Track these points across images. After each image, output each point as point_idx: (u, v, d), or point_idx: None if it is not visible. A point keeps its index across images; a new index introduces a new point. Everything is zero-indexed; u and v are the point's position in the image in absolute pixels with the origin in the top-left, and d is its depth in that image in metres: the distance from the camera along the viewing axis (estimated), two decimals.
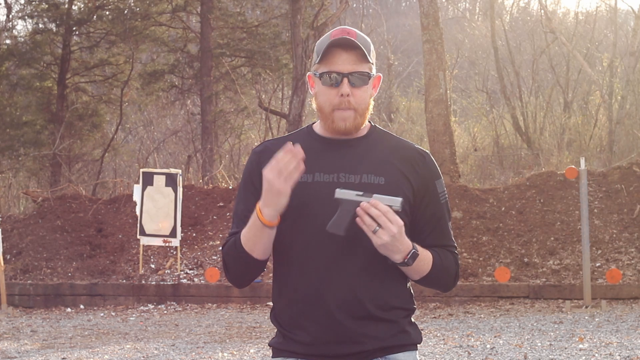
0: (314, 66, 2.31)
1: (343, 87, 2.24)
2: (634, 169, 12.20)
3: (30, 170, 18.63)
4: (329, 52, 2.26)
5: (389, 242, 2.14)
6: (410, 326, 2.32)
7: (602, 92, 19.08)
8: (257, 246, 2.24)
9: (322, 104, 2.28)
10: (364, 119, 2.29)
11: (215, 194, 13.24)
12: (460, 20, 28.17)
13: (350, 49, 2.26)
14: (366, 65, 2.27)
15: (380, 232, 2.12)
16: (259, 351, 7.37)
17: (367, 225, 2.13)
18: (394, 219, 2.13)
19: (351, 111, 2.26)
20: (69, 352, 7.57)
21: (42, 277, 11.60)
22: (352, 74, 2.25)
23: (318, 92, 2.30)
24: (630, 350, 6.88)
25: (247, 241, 2.24)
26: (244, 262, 2.28)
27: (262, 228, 2.20)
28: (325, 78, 2.26)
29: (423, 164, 2.32)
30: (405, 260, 2.19)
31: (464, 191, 12.18)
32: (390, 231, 2.12)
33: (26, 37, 19.34)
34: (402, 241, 2.16)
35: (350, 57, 2.25)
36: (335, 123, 2.26)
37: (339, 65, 2.25)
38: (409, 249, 2.18)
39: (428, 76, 13.28)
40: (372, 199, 2.14)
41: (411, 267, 2.22)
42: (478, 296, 10.21)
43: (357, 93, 2.26)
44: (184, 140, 22.11)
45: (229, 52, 19.19)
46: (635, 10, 20.59)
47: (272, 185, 2.14)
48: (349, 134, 2.29)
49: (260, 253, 2.25)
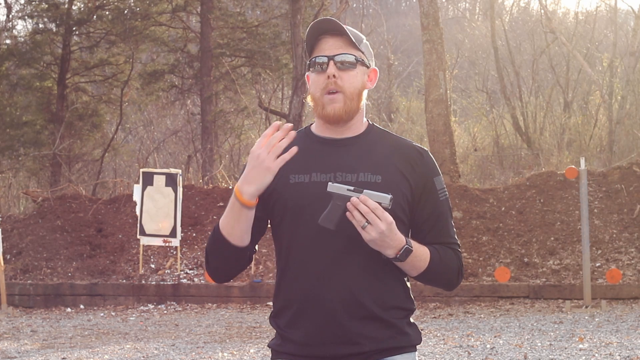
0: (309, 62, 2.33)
1: (329, 69, 2.24)
2: (634, 169, 12.19)
3: (30, 170, 18.63)
4: (317, 41, 2.28)
5: (378, 238, 2.13)
6: (410, 327, 2.32)
7: (602, 92, 19.08)
8: (234, 230, 2.20)
9: (313, 91, 2.29)
10: (354, 104, 2.28)
11: (215, 194, 13.24)
12: (460, 20, 28.18)
13: (336, 34, 2.28)
14: (354, 51, 2.28)
15: (368, 228, 2.12)
16: (259, 351, 7.37)
17: (357, 220, 2.13)
18: (383, 215, 2.12)
19: (339, 94, 2.25)
20: (69, 352, 7.57)
21: (42, 277, 11.60)
22: (338, 56, 2.25)
23: (311, 83, 2.30)
24: (630, 350, 6.88)
25: (225, 225, 2.21)
26: (222, 250, 2.24)
27: (241, 209, 2.17)
28: (314, 65, 2.27)
29: (421, 162, 2.31)
30: (398, 256, 2.18)
31: (464, 191, 12.18)
32: (379, 228, 2.12)
33: (26, 37, 19.34)
34: (392, 237, 2.15)
35: (336, 42, 2.27)
36: (325, 108, 2.26)
37: (325, 50, 2.27)
38: (402, 244, 2.17)
39: (428, 76, 13.28)
40: (361, 194, 2.14)
41: (406, 263, 2.21)
42: (478, 296, 10.21)
43: (345, 76, 2.25)
44: (184, 140, 22.11)
45: (229, 52, 19.19)
46: (635, 10, 20.60)
47: (261, 162, 2.12)
48: (340, 119, 2.27)
49: (237, 238, 2.22)
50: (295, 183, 2.26)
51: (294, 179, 2.27)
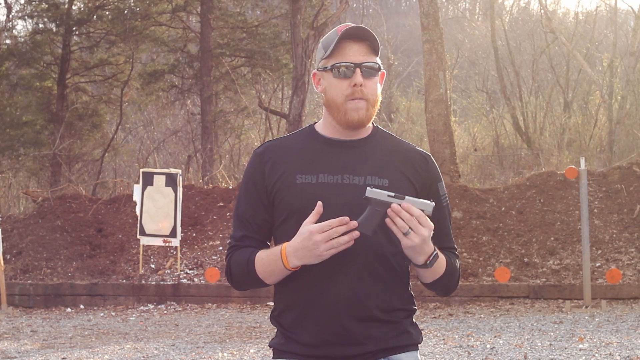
0: (322, 62, 2.30)
1: (356, 77, 2.24)
2: (634, 169, 12.19)
3: (30, 170, 18.63)
4: (339, 45, 2.26)
5: (419, 245, 2.14)
6: (412, 326, 2.33)
7: (602, 92, 19.08)
8: (272, 278, 2.27)
9: (333, 96, 2.27)
10: (374, 110, 2.29)
11: (215, 194, 13.24)
12: (460, 20, 28.17)
13: (360, 40, 2.27)
14: (376, 59, 2.29)
15: (411, 235, 2.12)
16: (259, 351, 7.37)
17: (399, 227, 2.12)
18: (426, 222, 2.13)
19: (364, 101, 2.25)
20: (69, 352, 7.57)
21: (42, 277, 11.60)
22: (364, 64, 2.25)
23: (328, 86, 2.28)
24: (630, 350, 6.87)
25: (263, 272, 2.26)
26: (254, 282, 2.31)
27: (284, 270, 2.22)
28: (337, 70, 2.25)
29: (425, 167, 2.32)
30: (427, 262, 2.19)
31: (464, 191, 12.18)
32: (422, 234, 2.12)
33: (26, 37, 19.33)
34: (429, 244, 2.16)
35: (361, 49, 2.26)
36: (348, 114, 2.25)
37: (351, 56, 2.25)
38: (432, 251, 2.19)
39: (428, 76, 13.27)
40: (404, 201, 2.14)
41: (430, 269, 2.22)
42: (478, 296, 10.21)
43: (369, 84, 2.26)
44: (184, 140, 22.11)
45: (229, 52, 19.19)
46: (635, 10, 20.61)
47: (315, 247, 2.13)
48: (361, 126, 2.28)
49: (272, 282, 2.29)
50: (302, 184, 2.26)
51: (301, 180, 2.26)
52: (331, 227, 2.11)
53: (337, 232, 2.11)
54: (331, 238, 2.12)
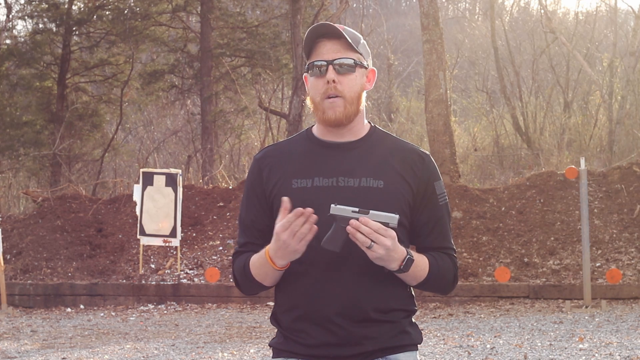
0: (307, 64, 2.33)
1: (328, 74, 2.25)
2: (634, 169, 12.19)
3: (30, 170, 18.63)
4: (314, 45, 2.29)
5: (385, 254, 2.15)
6: (411, 326, 2.33)
7: (602, 92, 19.08)
8: (267, 279, 2.30)
9: (313, 95, 2.30)
10: (354, 108, 2.28)
11: (215, 194, 13.24)
12: (460, 20, 28.18)
13: (333, 37, 2.28)
14: (353, 54, 2.28)
15: (375, 247, 2.13)
16: (259, 351, 7.37)
17: (361, 242, 2.14)
18: (386, 232, 2.14)
19: (339, 99, 2.26)
20: (69, 352, 7.57)
21: (42, 277, 11.60)
22: (336, 60, 2.26)
23: (309, 87, 2.31)
24: (630, 350, 6.88)
25: (258, 275, 2.29)
26: (255, 286, 2.35)
27: (274, 271, 2.25)
28: (312, 69, 2.28)
29: (422, 166, 2.32)
30: (401, 267, 2.19)
31: (464, 191, 12.18)
32: (385, 244, 2.13)
33: (26, 37, 19.34)
34: (396, 250, 2.16)
35: (334, 46, 2.27)
36: (326, 113, 2.27)
37: (324, 54, 2.27)
38: (404, 255, 2.19)
39: (428, 76, 13.28)
40: (364, 216, 2.14)
41: (407, 274, 2.22)
42: (478, 296, 10.21)
43: (344, 80, 2.26)
44: (184, 140, 22.11)
45: (229, 52, 19.19)
46: (635, 10, 20.63)
47: (286, 245, 2.16)
48: (340, 124, 2.28)
49: (271, 283, 2.32)
50: (297, 188, 2.27)
51: (297, 184, 2.28)
52: (290, 223, 2.14)
53: (297, 225, 2.14)
54: (295, 232, 2.13)
